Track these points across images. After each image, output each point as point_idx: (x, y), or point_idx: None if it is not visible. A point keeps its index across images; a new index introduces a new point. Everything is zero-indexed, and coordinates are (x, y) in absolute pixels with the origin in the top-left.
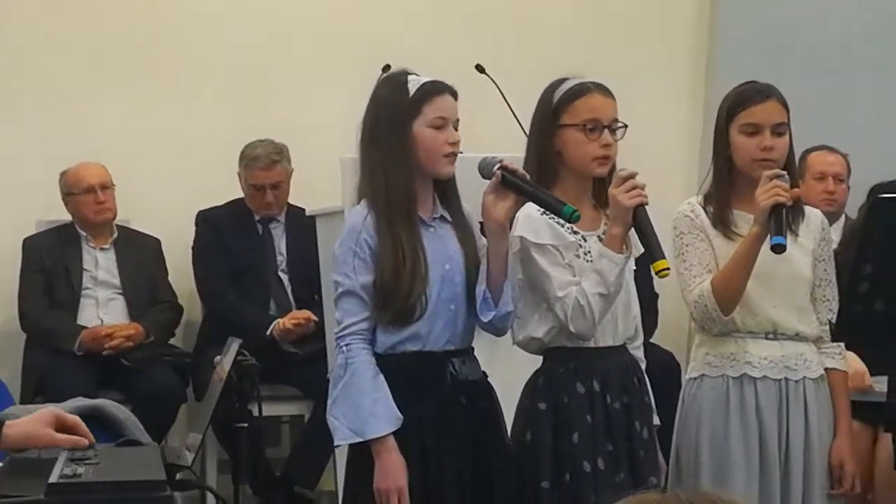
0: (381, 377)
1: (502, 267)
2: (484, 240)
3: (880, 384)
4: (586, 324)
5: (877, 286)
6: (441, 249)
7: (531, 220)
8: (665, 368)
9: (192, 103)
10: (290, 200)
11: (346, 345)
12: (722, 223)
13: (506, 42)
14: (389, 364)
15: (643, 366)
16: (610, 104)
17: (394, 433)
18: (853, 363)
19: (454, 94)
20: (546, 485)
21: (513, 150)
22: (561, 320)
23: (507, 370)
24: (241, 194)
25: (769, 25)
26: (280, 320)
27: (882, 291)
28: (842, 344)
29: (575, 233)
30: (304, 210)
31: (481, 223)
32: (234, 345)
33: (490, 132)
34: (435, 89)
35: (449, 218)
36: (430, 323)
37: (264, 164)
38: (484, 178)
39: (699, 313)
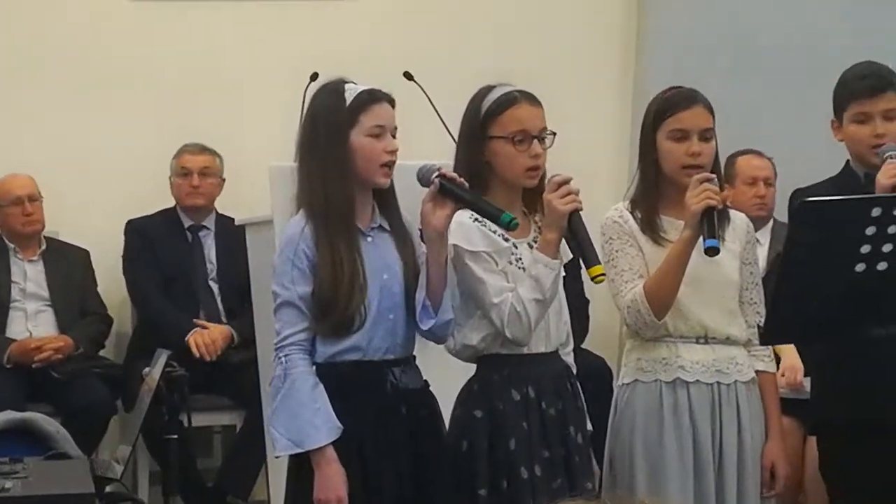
0: (321, 387)
1: (442, 274)
2: (423, 247)
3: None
4: (523, 330)
5: (803, 289)
6: (379, 259)
7: (464, 228)
8: (596, 374)
9: (121, 114)
10: (221, 210)
11: (286, 356)
12: (650, 228)
13: (434, 49)
14: (329, 374)
15: (574, 371)
16: (537, 113)
17: (334, 443)
18: (790, 359)
19: (392, 103)
20: (483, 492)
21: (443, 158)
22: (497, 327)
23: (441, 379)
24: (171, 203)
25: (696, 31)
26: (196, 333)
27: (808, 294)
28: (770, 347)
29: (506, 240)
30: (233, 219)
31: (421, 230)
32: (162, 356)
33: (420, 140)
34: (372, 98)
35: (387, 227)
36: (370, 333)
37: (194, 150)
38: (423, 185)
39: (632, 318)
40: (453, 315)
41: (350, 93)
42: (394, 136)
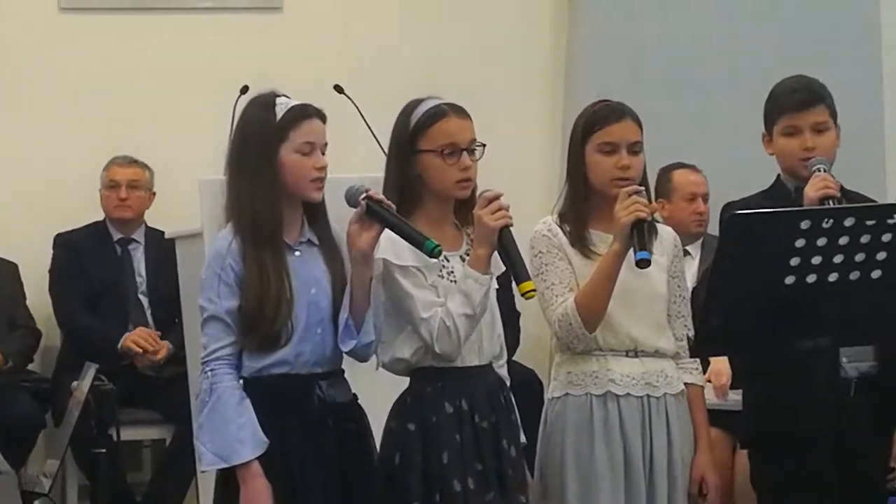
0: (247, 402)
1: (365, 296)
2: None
3: (737, 394)
4: (452, 345)
5: (732, 301)
6: (307, 273)
7: (393, 242)
8: (527, 386)
9: (51, 126)
10: (151, 223)
11: (212, 370)
12: (580, 242)
13: (365, 62)
14: (256, 388)
15: (508, 383)
16: (466, 125)
17: (261, 458)
18: (718, 363)
19: (322, 118)
20: None
21: (375, 171)
22: (427, 342)
23: (373, 392)
24: (100, 216)
25: (626, 43)
26: (129, 336)
27: (737, 307)
28: (698, 359)
29: None
30: (163, 232)
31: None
32: (90, 370)
33: (351, 153)
34: (303, 113)
35: (316, 241)
36: (298, 347)
37: (122, 162)
38: (350, 206)
39: (563, 331)
40: (375, 337)
41: (281, 107)
42: (323, 153)
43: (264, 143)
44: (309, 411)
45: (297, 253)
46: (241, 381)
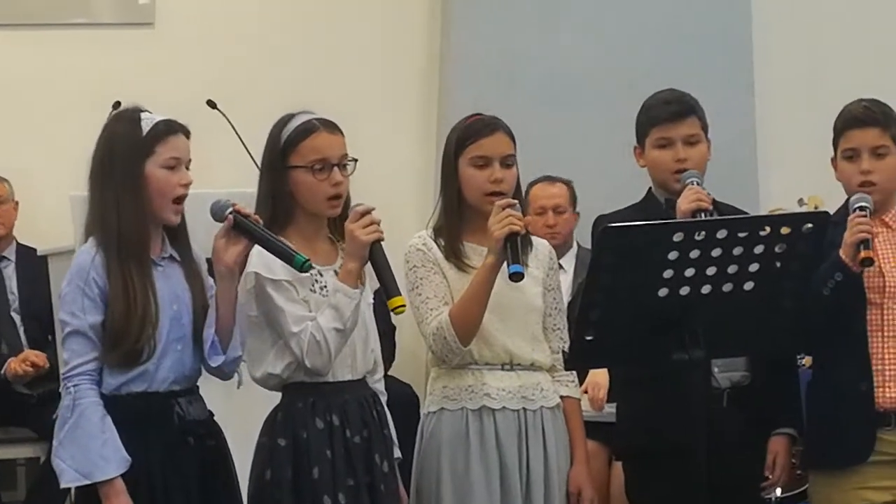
0: (109, 419)
1: (231, 311)
2: (212, 280)
3: (613, 406)
4: (322, 359)
5: (606, 314)
6: (169, 289)
7: (265, 257)
8: (403, 401)
9: None
10: (22, 240)
11: (74, 386)
12: (454, 255)
13: (238, 77)
14: (115, 405)
15: (384, 399)
16: (337, 141)
17: (122, 475)
18: (595, 375)
19: (187, 134)
20: None
21: (249, 187)
22: (297, 356)
23: (244, 409)
24: None
25: (499, 57)
26: (12, 361)
27: (611, 319)
28: (574, 372)
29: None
30: (35, 250)
31: (209, 260)
32: None
33: (225, 168)
34: (169, 129)
35: (178, 257)
36: (157, 363)
37: None
38: (216, 220)
39: (438, 345)
40: (241, 352)
41: (146, 122)
42: (188, 168)
43: (131, 157)
44: (170, 429)
45: (160, 268)
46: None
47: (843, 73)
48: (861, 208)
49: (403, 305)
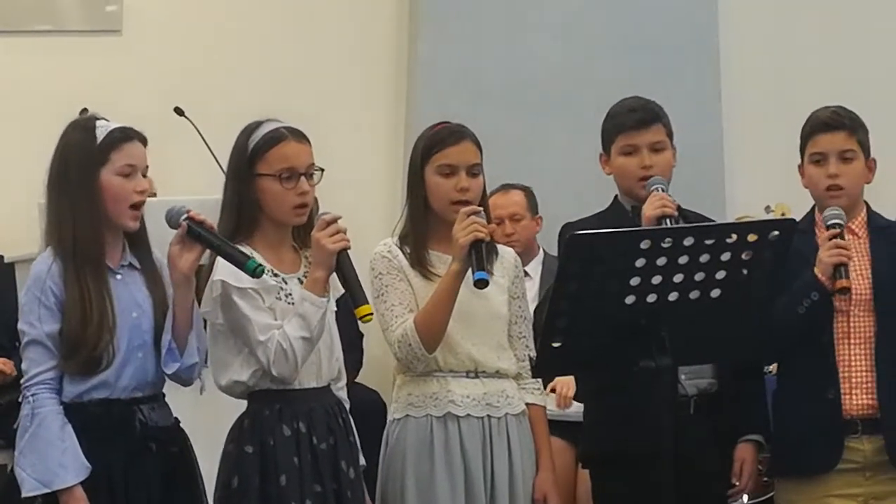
0: (69, 427)
1: (188, 318)
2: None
3: (579, 405)
4: (289, 367)
5: (573, 321)
6: (128, 297)
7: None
8: (370, 408)
9: None
10: None
11: (33, 395)
12: (419, 263)
13: (205, 84)
14: (76, 413)
15: (347, 406)
16: (305, 150)
17: (83, 483)
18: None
19: (143, 141)
20: None
21: (215, 194)
22: (263, 364)
23: (211, 416)
24: None
25: (466, 65)
26: None
27: (578, 327)
28: (540, 379)
29: (276, 275)
30: (2, 257)
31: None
32: None
33: (191, 175)
34: (124, 136)
35: (138, 265)
36: (118, 371)
37: None
38: (171, 227)
39: (403, 352)
40: (199, 358)
41: (101, 130)
42: (144, 175)
43: (85, 165)
44: (131, 436)
45: (119, 276)
46: (62, 407)
47: (810, 81)
48: (836, 226)
49: (371, 314)
